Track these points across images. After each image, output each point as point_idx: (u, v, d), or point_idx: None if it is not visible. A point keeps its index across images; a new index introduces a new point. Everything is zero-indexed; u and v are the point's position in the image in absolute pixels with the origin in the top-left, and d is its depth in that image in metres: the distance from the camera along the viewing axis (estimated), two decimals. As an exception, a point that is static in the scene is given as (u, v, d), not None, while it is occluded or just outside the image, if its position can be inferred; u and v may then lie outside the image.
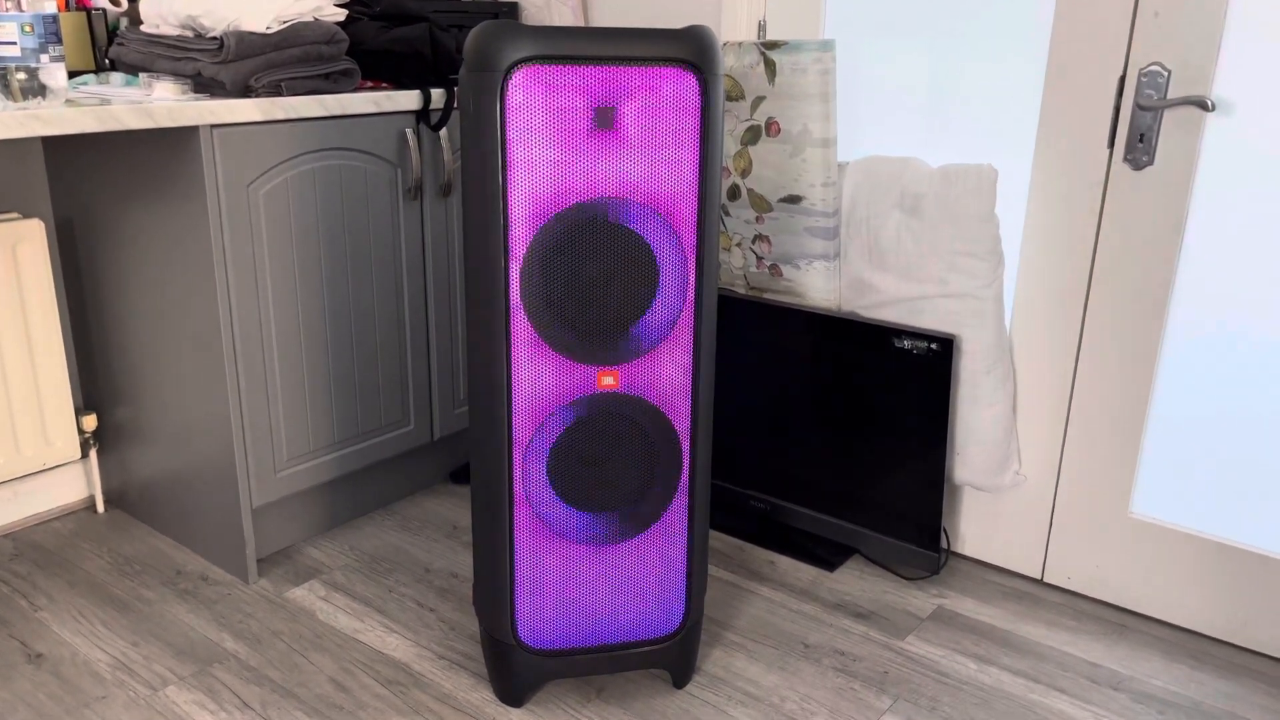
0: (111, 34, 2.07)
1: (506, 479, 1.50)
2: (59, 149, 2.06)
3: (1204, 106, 1.67)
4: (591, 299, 1.44)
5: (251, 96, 1.81)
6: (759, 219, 2.10)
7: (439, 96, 2.11)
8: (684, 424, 1.53)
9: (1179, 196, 1.74)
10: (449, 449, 2.46)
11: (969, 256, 1.88)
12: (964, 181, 1.85)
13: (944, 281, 1.92)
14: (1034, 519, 2.03)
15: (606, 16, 2.44)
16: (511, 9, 2.49)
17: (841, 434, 2.07)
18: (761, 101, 2.01)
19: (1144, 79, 1.73)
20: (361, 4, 2.16)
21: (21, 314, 1.99)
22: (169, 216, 1.86)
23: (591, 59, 1.34)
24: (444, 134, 2.14)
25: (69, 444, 2.10)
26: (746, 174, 2.08)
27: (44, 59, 1.55)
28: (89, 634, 1.83)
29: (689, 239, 1.45)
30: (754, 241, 2.13)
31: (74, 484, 2.30)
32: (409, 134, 2.07)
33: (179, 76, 1.84)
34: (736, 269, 2.20)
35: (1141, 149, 1.75)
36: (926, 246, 1.92)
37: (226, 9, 1.78)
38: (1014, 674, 1.76)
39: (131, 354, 2.07)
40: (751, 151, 2.05)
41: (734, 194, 2.12)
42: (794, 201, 2.03)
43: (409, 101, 2.05)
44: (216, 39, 1.79)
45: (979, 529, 2.10)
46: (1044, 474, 1.99)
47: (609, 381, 1.48)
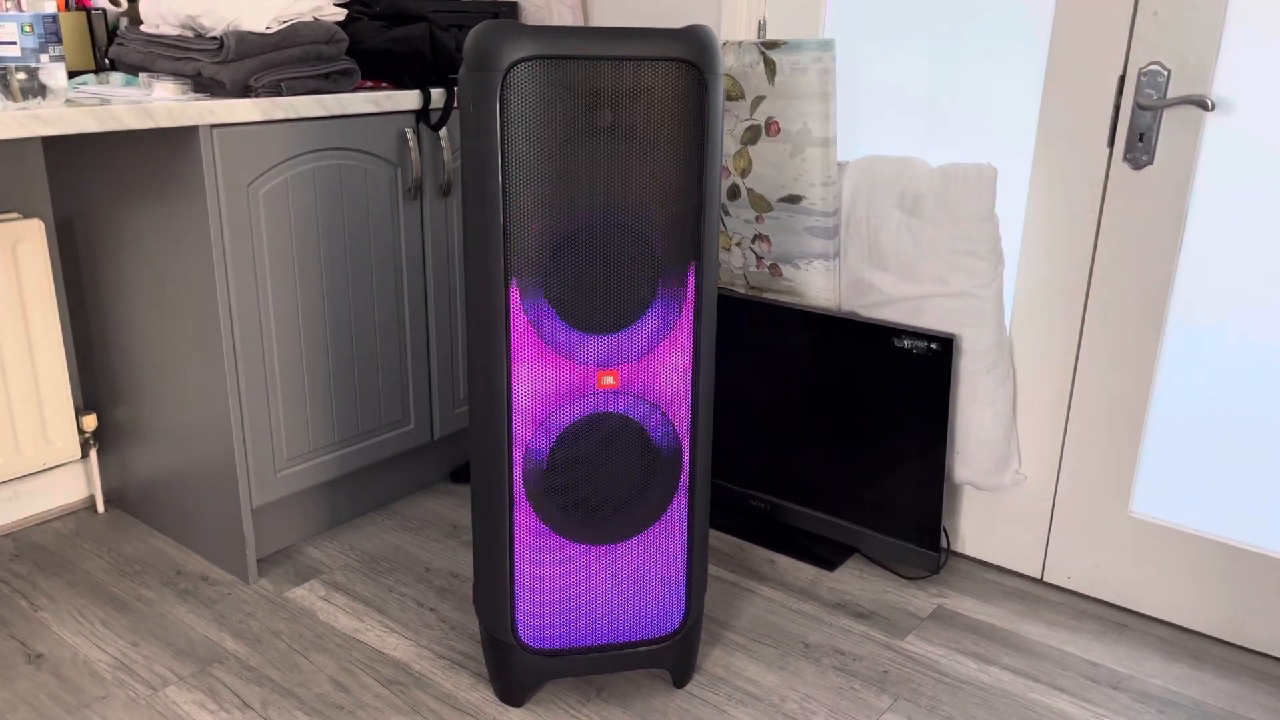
0: (111, 34, 2.07)
1: (506, 479, 1.50)
2: (59, 149, 2.06)
3: (1203, 106, 1.67)
4: (591, 298, 1.44)
5: (251, 96, 1.81)
6: (759, 218, 2.10)
7: (439, 96, 2.11)
8: (684, 423, 1.53)
9: (1179, 196, 1.74)
10: (449, 448, 2.47)
11: (969, 256, 1.88)
12: (964, 181, 1.86)
13: (944, 281, 1.92)
14: (1034, 518, 2.03)
15: (606, 16, 2.44)
16: (511, 9, 2.49)
17: (841, 433, 2.07)
18: (761, 101, 2.01)
19: (1144, 78, 1.73)
20: (361, 4, 2.16)
21: (21, 314, 1.99)
22: (169, 216, 1.86)
23: (591, 59, 1.34)
24: (444, 134, 2.14)
25: (69, 444, 2.10)
26: (746, 173, 2.08)
27: (44, 59, 1.55)
28: (89, 634, 1.83)
29: (689, 238, 1.45)
30: (754, 241, 2.13)
31: (74, 484, 2.30)
32: (409, 134, 2.07)
33: (179, 76, 1.84)
34: (736, 268, 2.20)
35: (1141, 148, 1.75)
36: (926, 246, 1.92)
37: (226, 9, 1.78)
38: (1014, 673, 1.76)
39: (131, 354, 2.07)
40: (751, 151, 2.05)
41: (734, 193, 2.12)
42: (794, 201, 2.03)
43: (409, 101, 2.05)
44: (216, 39, 1.79)
45: (979, 528, 2.11)
46: (1044, 473, 1.99)
47: (609, 381, 1.48)
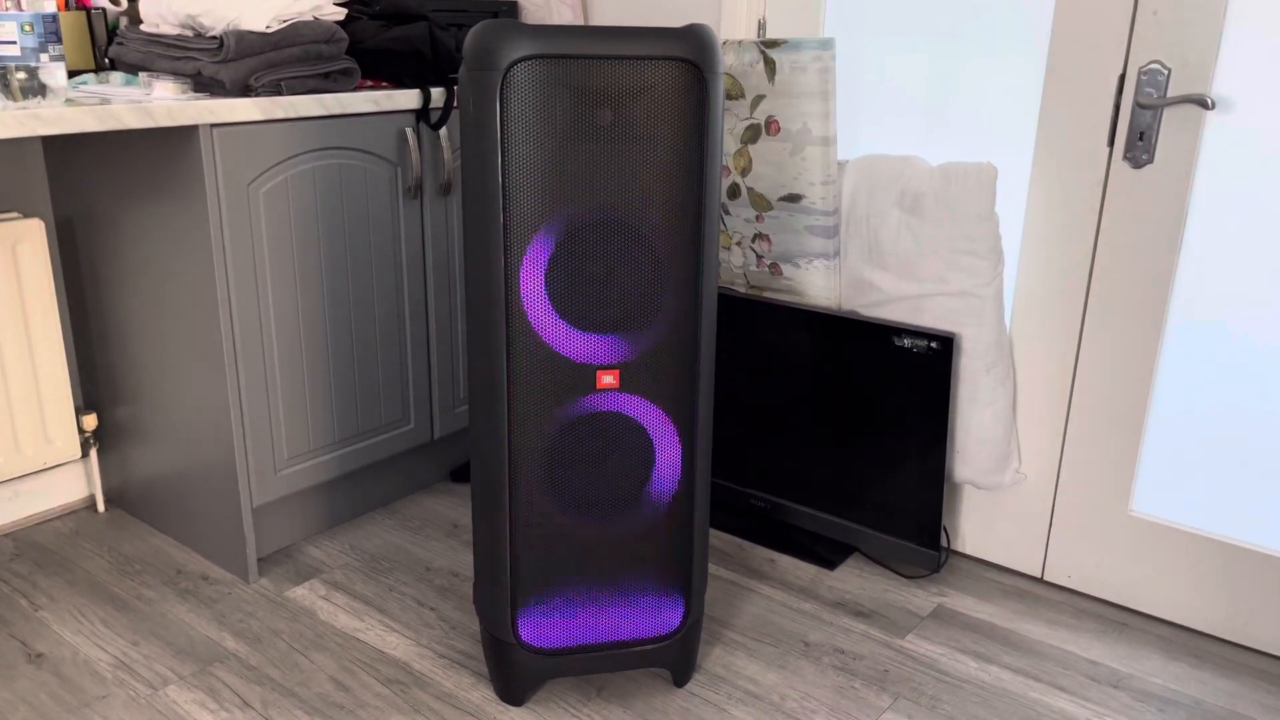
0: (111, 33, 2.07)
1: (506, 478, 1.50)
2: (59, 148, 2.06)
3: (1204, 105, 1.67)
4: (591, 298, 1.44)
5: (251, 96, 1.81)
6: (759, 217, 2.10)
7: (439, 95, 2.11)
8: (684, 423, 1.53)
9: (1179, 194, 1.74)
10: (449, 448, 2.47)
11: (969, 255, 1.88)
12: (964, 180, 1.85)
13: (944, 280, 1.92)
14: (1034, 517, 2.03)
15: (606, 15, 2.44)
16: (511, 8, 2.49)
17: (841, 432, 2.07)
18: (761, 100, 2.01)
19: (1144, 77, 1.73)
20: (361, 3, 2.16)
21: (22, 313, 1.99)
22: (169, 216, 1.86)
23: (591, 58, 1.34)
24: (444, 133, 2.14)
25: (69, 443, 2.10)
26: (746, 172, 2.08)
27: (44, 58, 1.55)
28: (89, 633, 1.83)
29: (689, 237, 1.45)
30: (754, 240, 2.13)
31: (74, 483, 2.30)
32: (409, 133, 2.07)
33: (179, 76, 1.84)
34: (736, 268, 2.20)
35: (1141, 147, 1.75)
36: (926, 245, 1.92)
37: (226, 8, 1.78)
38: (1014, 672, 1.76)
39: (132, 353, 2.07)
40: (751, 150, 2.05)
41: (734, 192, 2.12)
42: (794, 200, 2.03)
43: (408, 101, 2.05)
44: (216, 38, 1.79)
45: (979, 527, 2.11)
46: (1044, 472, 1.99)
47: (609, 380, 1.48)
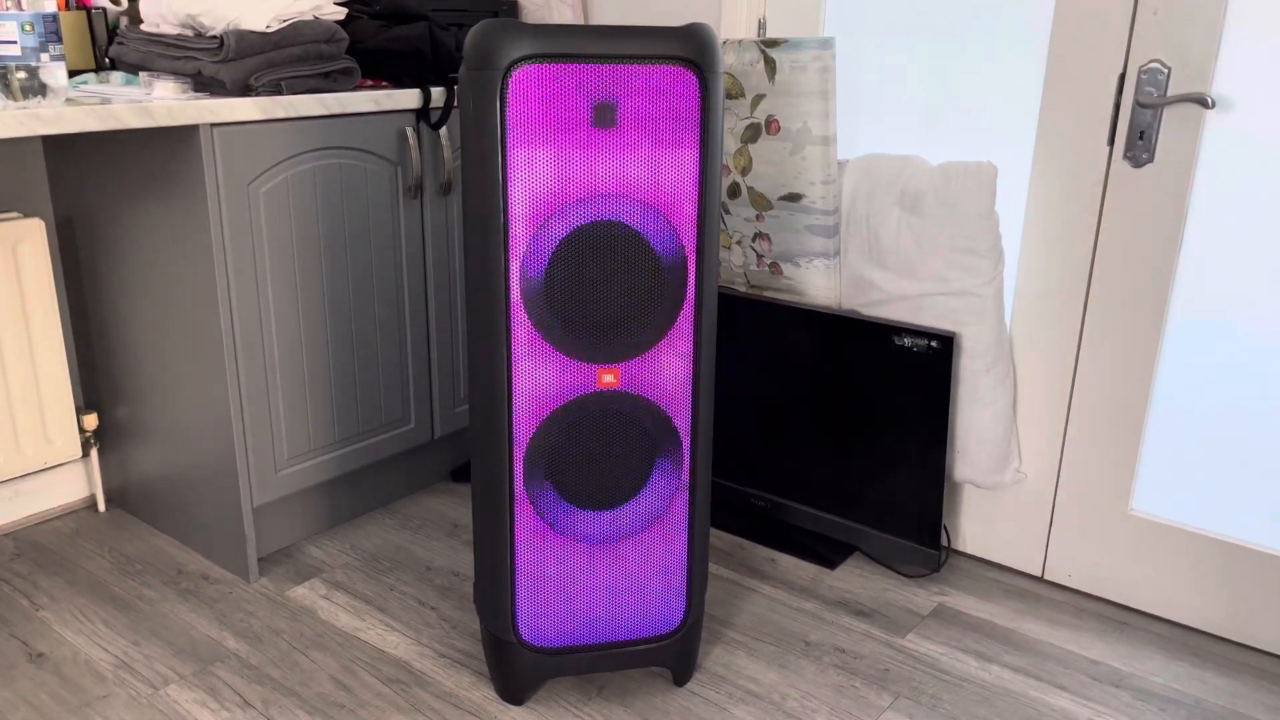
0: (111, 33, 2.07)
1: (507, 477, 1.50)
2: (59, 148, 2.06)
3: (1204, 104, 1.67)
4: (592, 297, 1.44)
5: (251, 95, 1.81)
6: (759, 217, 2.10)
7: (439, 95, 2.11)
8: (684, 422, 1.54)
9: (1179, 193, 1.74)
10: (449, 447, 2.47)
11: (969, 254, 1.88)
12: (964, 179, 1.85)
13: (944, 279, 1.92)
14: (1034, 516, 2.03)
15: (606, 14, 2.44)
16: (511, 7, 2.49)
17: (842, 432, 2.07)
18: (761, 99, 2.01)
19: (1144, 76, 1.73)
20: (361, 2, 2.16)
21: (22, 313, 1.99)
22: (169, 215, 1.86)
23: (592, 57, 1.34)
24: (444, 133, 2.14)
25: (70, 443, 2.10)
26: (746, 172, 2.08)
27: (44, 58, 1.55)
28: (90, 633, 1.83)
29: (689, 237, 1.45)
30: (754, 239, 2.13)
31: (75, 483, 2.30)
32: (409, 133, 2.07)
33: (179, 75, 1.84)
34: (737, 267, 2.20)
35: (1141, 146, 1.75)
36: (926, 244, 1.92)
37: (226, 8, 1.78)
38: (1015, 671, 1.76)
39: (132, 353, 2.07)
40: (751, 149, 2.05)
41: (734, 192, 2.12)
42: (794, 199, 2.03)
43: (409, 100, 2.05)
44: (216, 38, 1.79)
45: (979, 526, 2.11)
46: (1044, 471, 1.99)
47: (609, 380, 1.48)
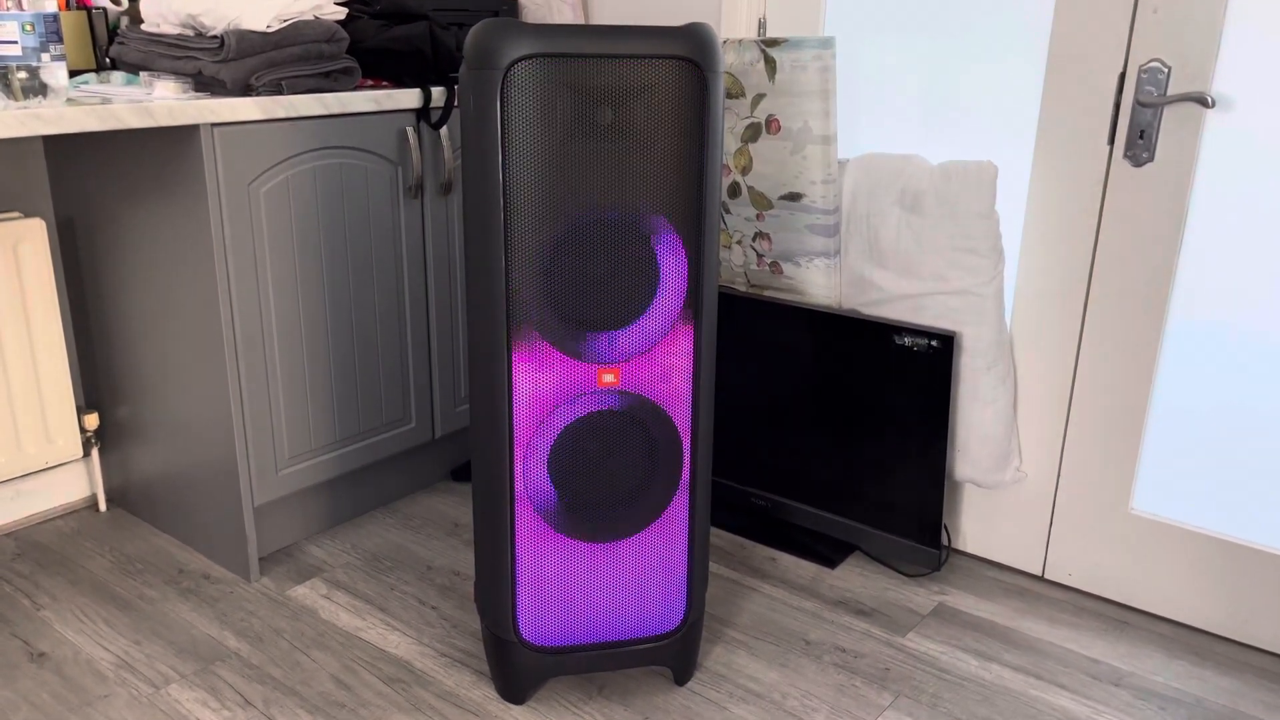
0: (112, 33, 2.07)
1: (507, 477, 1.50)
2: (60, 148, 2.06)
3: (1204, 103, 1.67)
4: (592, 297, 1.44)
5: (252, 95, 1.81)
6: (759, 216, 2.10)
7: (439, 95, 2.11)
8: (684, 421, 1.54)
9: (1179, 193, 1.74)
10: (450, 447, 2.47)
11: (969, 253, 1.88)
12: (964, 178, 1.86)
13: (944, 278, 1.92)
14: (1035, 515, 2.03)
15: (607, 14, 2.44)
16: (512, 7, 2.49)
17: (842, 431, 2.07)
18: (762, 99, 2.01)
19: (1144, 75, 1.73)
20: (361, 2, 2.16)
21: (23, 313, 1.99)
22: (170, 215, 1.86)
23: (592, 57, 1.35)
24: (444, 132, 2.14)
25: (71, 443, 2.11)
26: (747, 171, 2.08)
27: (45, 58, 1.55)
28: (91, 633, 1.83)
29: (689, 236, 1.45)
30: (754, 239, 2.13)
31: (76, 483, 2.30)
32: (409, 132, 2.07)
33: (179, 75, 1.85)
34: (737, 266, 2.20)
35: (1141, 145, 1.75)
36: (927, 243, 1.92)
37: (227, 8, 1.78)
38: (1015, 670, 1.77)
39: (133, 352, 2.08)
40: (752, 149, 2.06)
41: (734, 191, 2.12)
42: (794, 199, 2.03)
43: (409, 100, 2.05)
44: (217, 38, 1.80)
45: (980, 526, 2.11)
46: (1044, 470, 2.00)
47: (610, 379, 1.48)
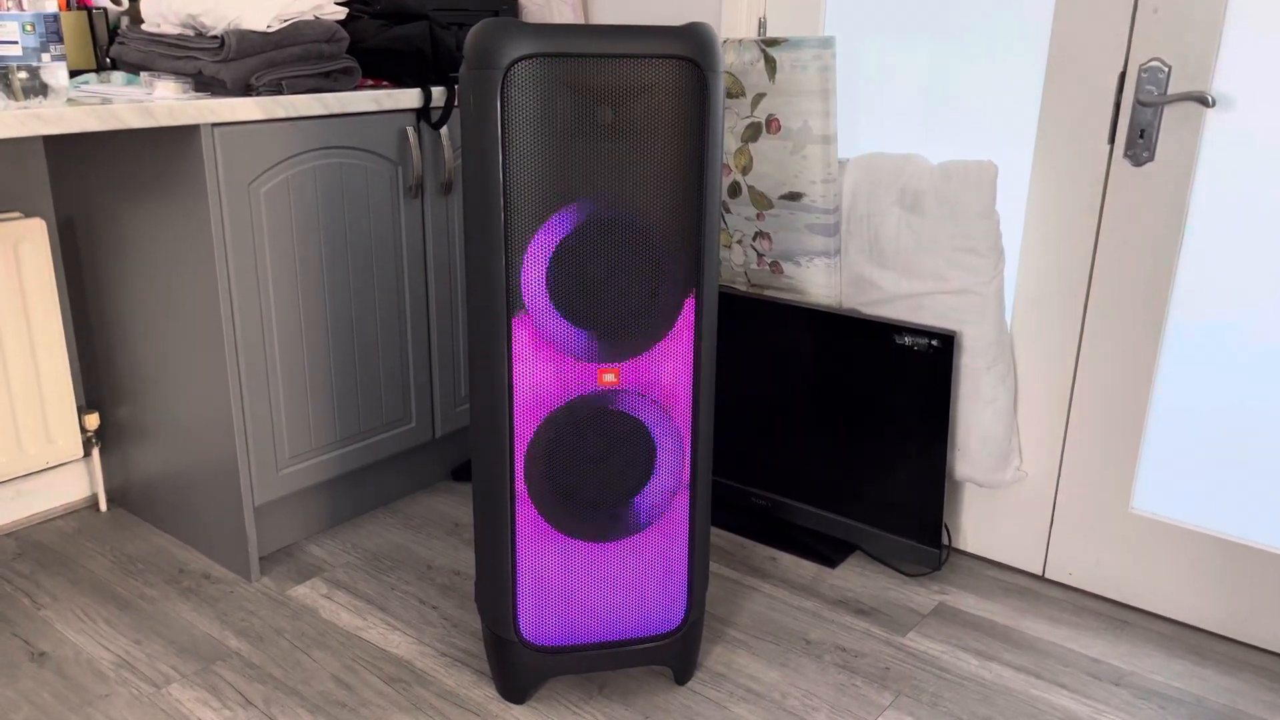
0: (112, 33, 2.07)
1: (508, 476, 1.50)
2: (60, 148, 2.07)
3: (1204, 102, 1.67)
4: (592, 296, 1.44)
5: (252, 95, 1.81)
6: (759, 216, 2.10)
7: (439, 94, 2.11)
8: (685, 421, 1.54)
9: (1179, 192, 1.74)
10: (450, 447, 2.47)
11: (969, 253, 1.88)
12: (964, 178, 1.86)
13: (944, 278, 1.92)
14: (1035, 515, 2.03)
15: (607, 14, 2.44)
16: (512, 7, 2.49)
17: (842, 431, 2.07)
18: (762, 98, 2.01)
19: (1144, 75, 1.73)
20: (362, 2, 2.16)
21: (24, 313, 1.99)
22: (170, 215, 1.86)
23: (592, 56, 1.35)
24: (445, 132, 2.14)
25: (71, 442, 2.11)
26: (747, 171, 2.08)
27: (45, 58, 1.55)
28: (92, 632, 1.83)
29: (690, 236, 1.45)
30: (755, 238, 2.13)
31: (76, 482, 2.30)
32: (410, 132, 2.07)
33: (180, 75, 1.85)
34: (737, 266, 2.20)
35: (1142, 145, 1.75)
36: (927, 243, 1.92)
37: (227, 8, 1.78)
38: (1015, 670, 1.77)
39: (134, 352, 2.08)
40: (752, 148, 2.06)
41: (734, 191, 2.12)
42: (794, 198, 2.03)
43: (409, 99, 2.05)
44: (217, 38, 1.80)
45: (980, 525, 2.11)
46: (1045, 470, 2.00)
47: (610, 379, 1.48)
